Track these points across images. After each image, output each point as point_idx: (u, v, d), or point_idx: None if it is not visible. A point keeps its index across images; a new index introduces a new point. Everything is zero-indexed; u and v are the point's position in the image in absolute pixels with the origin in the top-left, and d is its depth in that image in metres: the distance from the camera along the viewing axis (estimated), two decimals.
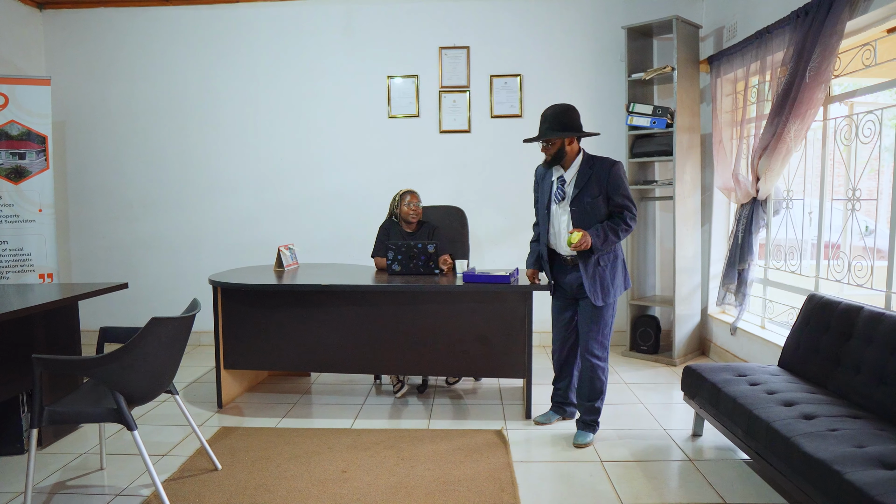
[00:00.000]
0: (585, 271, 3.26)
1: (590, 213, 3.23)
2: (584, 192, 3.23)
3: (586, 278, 3.25)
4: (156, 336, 2.54)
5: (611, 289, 3.30)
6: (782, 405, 2.75)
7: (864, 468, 2.10)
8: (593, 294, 3.26)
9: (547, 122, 3.23)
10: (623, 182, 3.24)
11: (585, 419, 3.43)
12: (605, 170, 3.23)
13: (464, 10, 5.41)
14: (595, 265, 3.26)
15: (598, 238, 3.17)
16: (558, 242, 3.35)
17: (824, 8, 3.53)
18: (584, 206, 3.23)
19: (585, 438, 3.36)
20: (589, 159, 3.29)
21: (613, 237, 3.21)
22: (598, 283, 3.27)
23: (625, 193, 3.24)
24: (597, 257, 3.24)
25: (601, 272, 3.28)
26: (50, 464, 3.16)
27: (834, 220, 3.89)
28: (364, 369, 3.96)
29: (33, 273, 4.90)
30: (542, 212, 3.40)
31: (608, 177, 3.21)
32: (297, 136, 5.59)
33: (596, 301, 3.26)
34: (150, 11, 5.56)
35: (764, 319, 4.54)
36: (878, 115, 3.45)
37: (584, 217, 3.23)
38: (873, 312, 2.90)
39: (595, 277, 3.27)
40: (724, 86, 4.83)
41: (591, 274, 3.26)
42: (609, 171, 3.22)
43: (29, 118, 4.85)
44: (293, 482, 2.93)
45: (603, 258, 3.27)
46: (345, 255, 5.50)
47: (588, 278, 3.26)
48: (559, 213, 3.31)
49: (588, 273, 3.26)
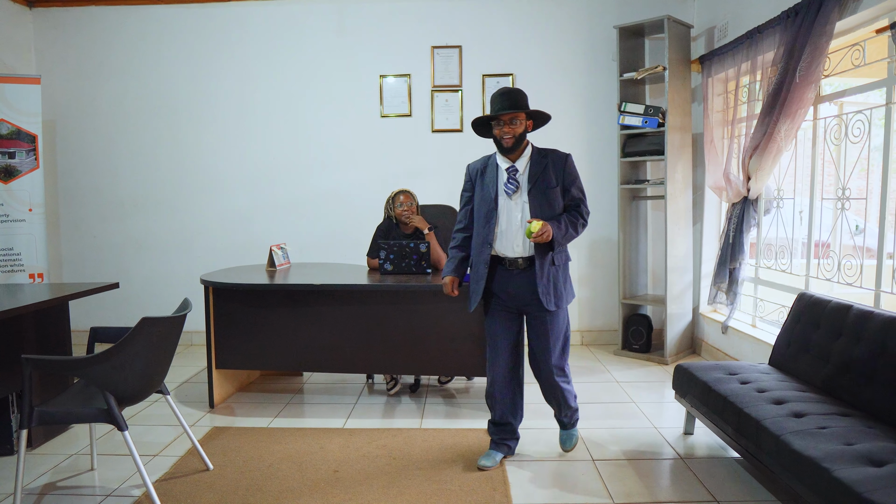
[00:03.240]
0: (540, 271, 2.90)
1: (548, 205, 2.93)
2: (542, 181, 2.94)
3: (540, 280, 2.90)
4: (146, 336, 2.53)
5: (563, 293, 2.99)
6: (772, 403, 2.76)
7: (852, 465, 2.11)
8: (546, 297, 2.91)
9: (507, 100, 2.90)
10: (578, 175, 3.04)
11: (564, 420, 3.26)
12: (561, 160, 2.99)
13: (456, 9, 5.41)
14: (550, 264, 2.94)
15: (560, 230, 2.88)
16: (508, 241, 2.96)
17: (814, 8, 3.55)
18: (542, 196, 2.93)
19: (572, 440, 3.28)
20: (540, 150, 3.04)
21: (572, 231, 2.95)
22: (552, 285, 2.94)
23: (580, 187, 3.03)
24: (552, 255, 2.93)
25: (555, 273, 2.96)
26: (40, 465, 3.15)
27: (824, 219, 3.91)
28: (356, 369, 3.96)
29: (23, 273, 4.87)
30: (485, 209, 2.98)
31: (564, 167, 2.98)
32: (290, 136, 5.57)
33: (549, 305, 2.92)
34: (141, 10, 5.53)
35: (755, 318, 4.56)
36: (868, 114, 3.48)
37: (542, 208, 2.93)
38: (862, 311, 2.92)
39: (549, 279, 2.94)
40: (715, 85, 4.85)
41: (546, 275, 2.93)
42: (565, 162, 2.99)
43: (18, 117, 4.82)
44: (285, 482, 2.92)
45: (557, 257, 2.96)
46: (337, 254, 5.50)
47: (542, 279, 2.91)
48: (511, 208, 2.95)
49: (542, 273, 2.91)
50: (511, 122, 2.90)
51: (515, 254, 2.94)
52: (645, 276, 5.51)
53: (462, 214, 3.13)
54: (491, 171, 3.02)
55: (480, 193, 3.02)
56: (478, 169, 3.08)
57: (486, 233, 2.98)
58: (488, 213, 2.97)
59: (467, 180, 3.11)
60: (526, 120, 2.97)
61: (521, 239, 2.92)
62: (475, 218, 3.04)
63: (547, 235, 2.81)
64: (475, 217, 3.05)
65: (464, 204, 3.13)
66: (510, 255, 2.95)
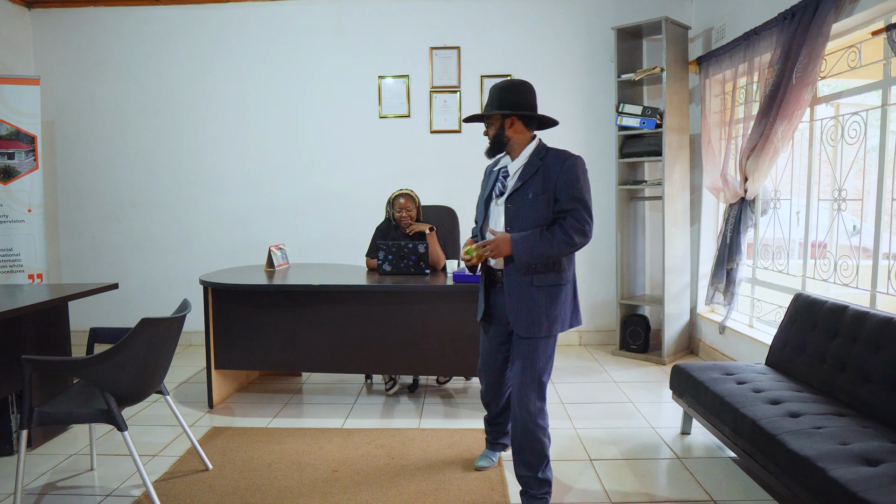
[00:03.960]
0: (510, 289, 2.54)
1: (526, 214, 2.51)
2: (527, 187, 2.53)
3: (510, 300, 2.54)
4: (146, 337, 2.54)
5: (543, 320, 2.52)
6: (768, 403, 2.78)
7: (847, 465, 2.13)
8: (516, 319, 2.53)
9: (488, 100, 2.62)
10: (578, 181, 2.49)
11: (533, 493, 2.63)
12: (559, 162, 2.51)
13: (454, 10, 5.42)
14: (526, 285, 2.51)
15: (523, 244, 2.43)
16: None
17: (810, 10, 3.57)
18: (520, 203, 2.52)
19: None
20: (541, 150, 2.59)
21: (545, 248, 2.43)
22: (525, 307, 2.52)
23: (577, 195, 2.48)
24: (531, 276, 2.51)
25: (533, 295, 2.51)
26: (40, 465, 3.16)
27: (821, 219, 3.93)
28: (355, 369, 3.97)
29: (22, 273, 4.88)
30: (480, 210, 2.76)
31: (560, 171, 2.49)
32: (289, 136, 5.58)
33: (519, 330, 2.53)
34: (140, 11, 5.54)
35: (752, 318, 4.58)
36: (864, 116, 3.50)
37: (518, 218, 2.53)
38: (858, 311, 2.94)
39: (523, 300, 2.52)
40: (712, 86, 4.87)
41: (518, 295, 2.53)
42: (562, 165, 2.50)
43: (18, 118, 4.82)
44: (284, 482, 2.94)
45: (539, 278, 2.51)
46: (336, 254, 5.51)
47: (511, 300, 2.54)
48: (497, 213, 2.64)
49: (513, 293, 2.54)
50: (487, 124, 2.63)
51: (497, 265, 2.65)
52: (643, 277, 5.53)
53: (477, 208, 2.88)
54: (494, 171, 2.76)
55: (481, 193, 2.82)
56: (489, 169, 2.83)
57: (479, 238, 2.73)
58: (480, 216, 2.76)
59: (483, 179, 2.87)
60: (503, 119, 2.58)
61: None
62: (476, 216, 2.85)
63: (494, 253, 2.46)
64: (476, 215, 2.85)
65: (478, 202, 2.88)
66: (496, 266, 2.66)
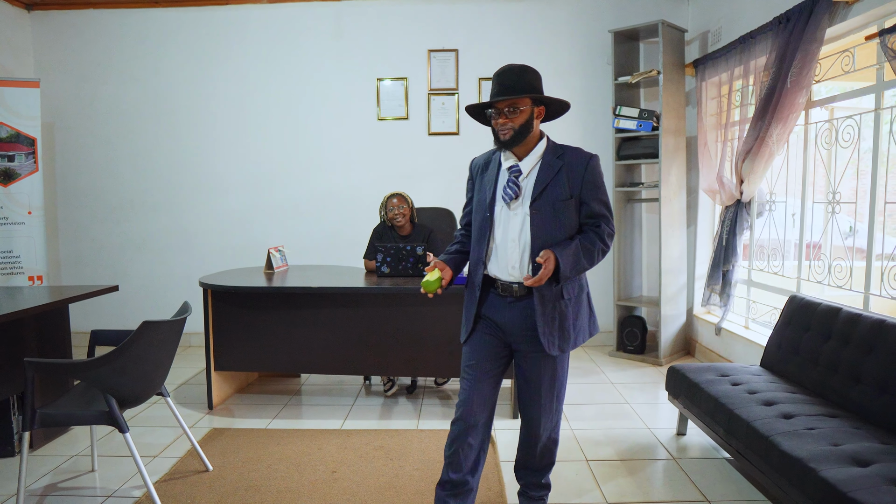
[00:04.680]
0: (542, 307, 2.25)
1: (557, 222, 2.25)
2: (551, 190, 2.25)
3: (541, 318, 2.25)
4: (147, 339, 2.57)
5: (571, 333, 2.31)
6: (762, 405, 2.81)
7: (838, 466, 2.17)
8: (548, 340, 2.26)
9: (507, 81, 2.23)
10: (603, 183, 2.34)
11: (532, 494, 2.57)
12: (582, 163, 2.29)
13: (452, 13, 5.45)
14: (556, 299, 2.27)
15: (568, 261, 2.19)
16: (502, 261, 2.31)
17: (805, 15, 3.61)
18: (549, 209, 2.25)
19: None
20: (556, 147, 2.34)
21: (586, 262, 2.24)
22: (556, 324, 2.28)
23: (604, 199, 2.32)
24: (560, 288, 2.27)
25: (562, 308, 2.29)
26: (41, 466, 3.18)
27: (816, 221, 3.97)
28: (353, 370, 4.00)
29: (23, 275, 4.90)
30: (480, 217, 2.36)
31: (585, 172, 2.28)
32: (288, 138, 5.61)
33: (551, 349, 2.27)
34: (139, 13, 5.56)
35: (748, 320, 4.62)
36: (857, 119, 3.53)
37: (547, 226, 2.24)
38: (851, 314, 2.97)
39: (554, 317, 2.27)
40: (709, 89, 4.90)
41: (549, 312, 2.27)
42: (587, 165, 2.28)
43: (18, 120, 4.85)
44: (284, 483, 2.97)
45: (567, 289, 2.29)
46: (335, 255, 5.54)
47: (543, 318, 2.26)
48: (508, 218, 2.30)
49: (545, 310, 2.26)
50: (510, 111, 2.22)
51: (511, 277, 2.30)
52: (640, 278, 5.57)
53: (462, 216, 2.57)
54: (492, 168, 2.39)
55: (477, 195, 2.41)
56: (479, 165, 2.46)
57: (479, 249, 2.36)
58: (482, 223, 2.35)
59: (469, 178, 2.50)
60: (533, 106, 2.26)
61: (519, 259, 2.27)
62: (472, 227, 2.44)
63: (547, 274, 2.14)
64: (473, 226, 2.44)
65: (465, 205, 2.54)
66: (504, 278, 2.31)
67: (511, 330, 2.33)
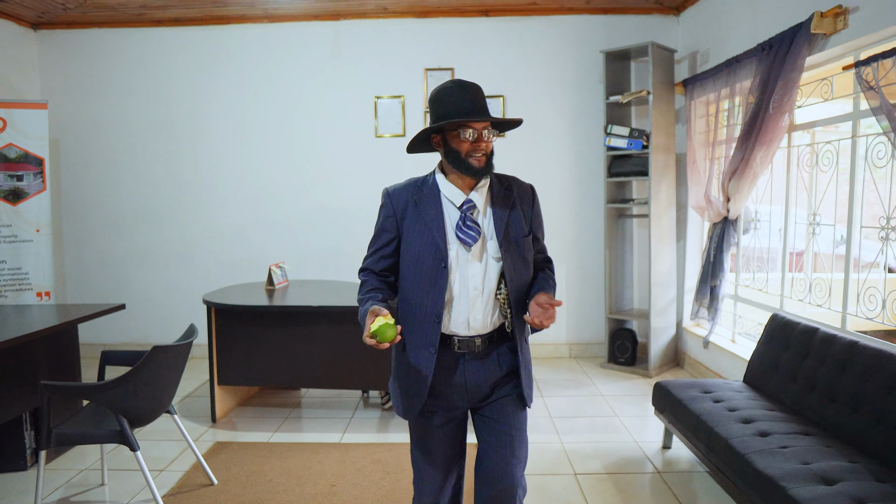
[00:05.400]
0: (522, 351, 2.05)
1: (524, 262, 2.04)
2: (513, 226, 2.01)
3: (523, 367, 2.05)
4: (157, 363, 2.71)
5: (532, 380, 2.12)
6: (741, 422, 2.96)
7: (806, 484, 2.31)
8: (528, 388, 2.07)
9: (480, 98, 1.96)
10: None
11: None
12: (529, 193, 2.12)
13: (448, 32, 5.60)
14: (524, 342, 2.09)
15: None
16: (461, 313, 1.98)
17: (786, 43, 3.75)
18: (515, 248, 2.00)
19: None
20: (501, 177, 2.10)
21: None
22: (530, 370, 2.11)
23: (543, 233, 2.19)
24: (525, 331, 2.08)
25: (528, 352, 2.12)
26: (53, 480, 3.32)
27: (798, 241, 4.12)
28: (351, 385, 4.14)
29: (31, 291, 5.04)
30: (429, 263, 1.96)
31: (534, 204, 2.12)
32: (287, 154, 5.75)
33: (529, 399, 2.08)
34: (142, 32, 5.70)
35: (734, 334, 4.76)
36: (836, 145, 3.68)
37: (518, 268, 2.01)
38: (827, 334, 3.12)
39: (527, 363, 2.10)
40: (697, 108, 5.04)
41: (525, 358, 2.08)
42: (534, 196, 2.13)
43: (26, 141, 4.99)
44: (285, 496, 3.11)
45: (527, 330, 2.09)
46: (334, 268, 5.68)
47: (524, 364, 2.06)
48: (466, 264, 1.96)
49: (523, 354, 2.06)
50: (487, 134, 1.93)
51: (473, 332, 1.99)
52: (631, 291, 5.71)
53: (375, 258, 2.07)
54: (430, 203, 2.00)
55: (417, 238, 1.98)
56: (405, 199, 2.02)
57: (432, 301, 1.96)
58: (433, 271, 1.95)
59: (388, 214, 2.04)
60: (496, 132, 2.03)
61: (482, 309, 1.98)
62: (407, 276, 2.02)
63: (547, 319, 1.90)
64: (407, 275, 2.02)
65: (380, 246, 2.06)
66: (462, 332, 1.99)
67: (475, 390, 2.03)
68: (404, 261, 2.03)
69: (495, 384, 2.05)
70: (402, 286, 2.06)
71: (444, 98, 1.94)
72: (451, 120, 1.89)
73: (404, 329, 2.01)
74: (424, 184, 2.04)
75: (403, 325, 2.01)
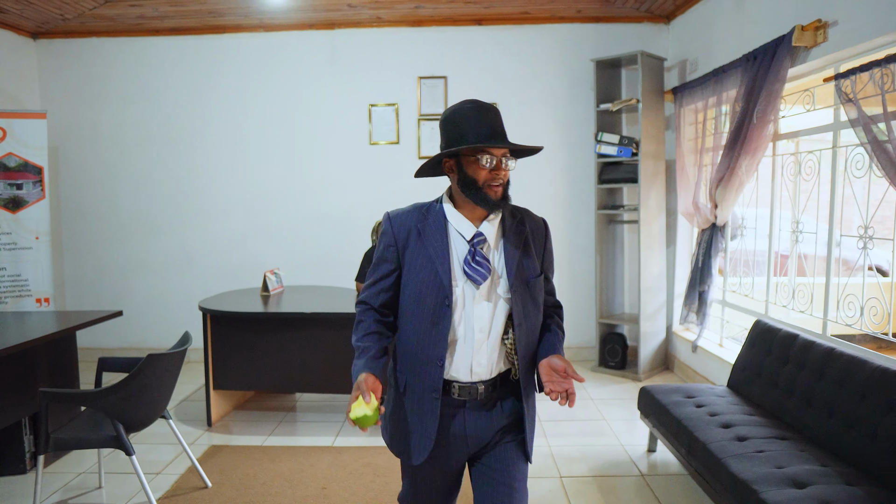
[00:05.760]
0: (526, 402, 1.87)
1: (534, 305, 1.86)
2: (525, 265, 1.84)
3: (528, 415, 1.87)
4: (152, 370, 2.80)
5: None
6: (720, 427, 3.04)
7: (778, 488, 2.39)
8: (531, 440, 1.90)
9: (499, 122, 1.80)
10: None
11: None
12: (542, 229, 1.95)
13: (442, 41, 5.68)
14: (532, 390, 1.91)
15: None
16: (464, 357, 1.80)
17: (769, 55, 3.83)
18: (525, 289, 1.82)
19: None
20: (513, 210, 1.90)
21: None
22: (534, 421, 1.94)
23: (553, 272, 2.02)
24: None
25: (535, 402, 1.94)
26: (52, 483, 3.40)
27: (783, 246, 4.20)
28: (345, 390, 4.21)
29: (30, 297, 5.13)
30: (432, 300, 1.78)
31: (545, 242, 1.95)
32: (284, 161, 5.84)
33: (531, 452, 1.90)
34: (140, 41, 5.79)
35: (722, 338, 4.84)
36: (818, 155, 3.76)
37: (528, 311, 1.84)
38: (806, 340, 3.20)
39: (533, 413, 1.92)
40: (686, 115, 5.12)
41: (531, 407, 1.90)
42: (546, 234, 1.96)
43: (26, 150, 5.08)
44: (277, 499, 3.19)
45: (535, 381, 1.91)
46: (330, 273, 5.76)
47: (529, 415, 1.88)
48: (472, 303, 1.79)
49: (528, 405, 1.88)
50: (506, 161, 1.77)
51: (476, 377, 1.82)
52: (621, 296, 5.80)
53: (373, 292, 1.89)
54: (436, 232, 1.82)
55: (419, 272, 1.80)
56: (410, 228, 1.84)
57: (433, 342, 1.79)
58: (437, 309, 1.78)
59: (389, 243, 1.85)
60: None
61: (488, 354, 1.81)
62: (407, 313, 1.85)
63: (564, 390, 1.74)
64: (407, 312, 1.85)
65: (379, 277, 1.87)
66: (464, 378, 1.82)
67: (475, 441, 1.85)
68: (404, 296, 1.85)
69: (499, 435, 1.87)
70: (401, 323, 1.88)
71: (461, 120, 1.77)
72: (472, 145, 1.72)
73: (404, 369, 1.87)
74: (430, 211, 1.86)
75: (402, 365, 1.87)
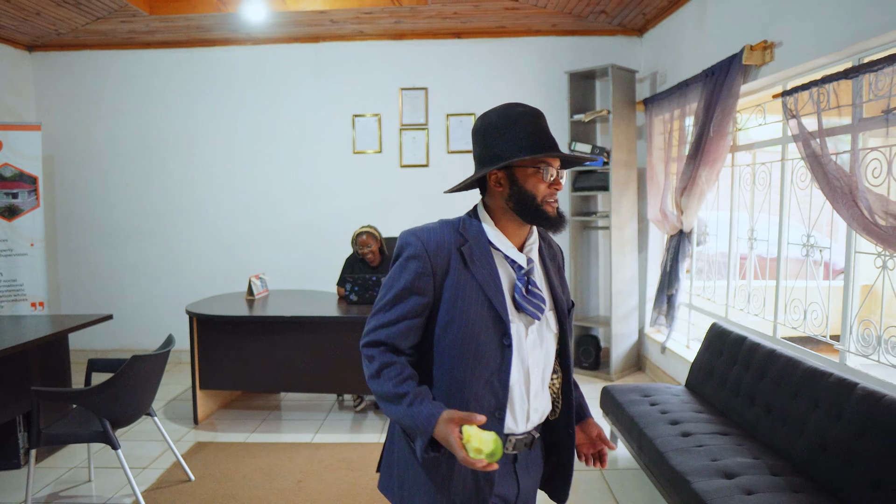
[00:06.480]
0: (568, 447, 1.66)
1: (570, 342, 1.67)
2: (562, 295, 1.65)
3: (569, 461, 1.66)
4: (136, 370, 3.01)
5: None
6: (668, 424, 3.25)
7: (709, 478, 2.61)
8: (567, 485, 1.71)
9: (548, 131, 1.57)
10: None
11: None
12: (560, 255, 1.74)
13: (422, 54, 5.90)
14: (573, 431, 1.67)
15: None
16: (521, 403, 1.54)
17: (724, 71, 4.05)
18: (568, 326, 1.65)
19: None
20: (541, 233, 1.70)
21: None
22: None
23: None
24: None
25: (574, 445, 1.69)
26: (44, 477, 3.61)
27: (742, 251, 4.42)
28: (327, 389, 4.44)
29: (26, 302, 5.34)
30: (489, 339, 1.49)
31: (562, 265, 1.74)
32: (271, 170, 6.06)
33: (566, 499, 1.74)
34: (132, 54, 6.00)
35: (689, 339, 5.06)
36: (769, 167, 3.98)
37: (569, 351, 1.66)
38: (753, 343, 3.42)
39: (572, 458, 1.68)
40: (656, 125, 5.34)
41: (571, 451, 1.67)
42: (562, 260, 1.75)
43: (21, 160, 5.30)
44: (256, 491, 3.40)
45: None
46: (315, 278, 5.97)
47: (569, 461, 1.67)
48: (521, 341, 1.53)
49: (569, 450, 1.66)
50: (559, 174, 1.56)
51: (530, 425, 1.58)
52: (596, 299, 6.01)
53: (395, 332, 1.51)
54: (483, 256, 1.52)
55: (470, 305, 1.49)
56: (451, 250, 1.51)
57: (491, 390, 1.50)
58: (494, 349, 1.50)
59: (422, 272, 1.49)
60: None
61: (543, 398, 1.60)
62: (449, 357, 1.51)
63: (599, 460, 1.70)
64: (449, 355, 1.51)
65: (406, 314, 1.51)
66: (521, 429, 1.56)
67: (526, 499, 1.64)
68: (447, 336, 1.49)
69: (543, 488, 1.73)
70: (439, 372, 1.52)
71: (511, 126, 1.52)
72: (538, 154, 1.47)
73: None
74: (468, 230, 1.54)
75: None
